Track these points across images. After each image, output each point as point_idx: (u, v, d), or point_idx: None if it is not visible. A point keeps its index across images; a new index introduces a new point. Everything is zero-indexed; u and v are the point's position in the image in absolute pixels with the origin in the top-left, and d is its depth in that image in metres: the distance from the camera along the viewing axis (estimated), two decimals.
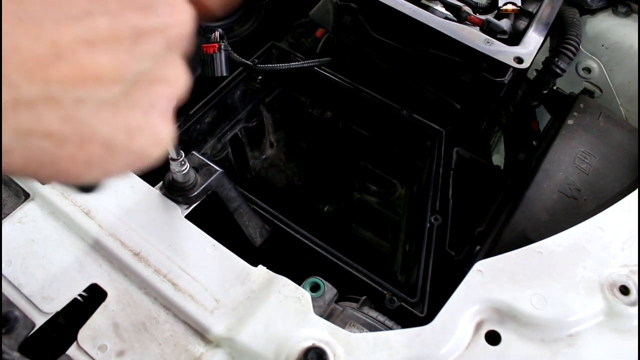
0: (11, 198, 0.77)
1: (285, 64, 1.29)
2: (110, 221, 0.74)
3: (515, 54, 1.01)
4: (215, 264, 0.71)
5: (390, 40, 1.20)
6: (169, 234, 0.74)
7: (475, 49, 1.02)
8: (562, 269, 0.66)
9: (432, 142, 1.28)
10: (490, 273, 0.66)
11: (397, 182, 1.56)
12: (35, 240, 0.72)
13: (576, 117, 1.01)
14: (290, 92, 1.54)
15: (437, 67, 1.18)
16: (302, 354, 0.60)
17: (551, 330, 0.62)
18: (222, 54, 1.16)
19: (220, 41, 1.17)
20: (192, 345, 0.65)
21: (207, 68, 1.17)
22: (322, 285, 0.75)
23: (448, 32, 1.05)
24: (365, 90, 1.35)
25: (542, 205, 0.89)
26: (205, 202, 0.82)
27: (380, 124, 1.42)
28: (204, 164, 0.84)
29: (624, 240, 0.68)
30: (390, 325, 0.80)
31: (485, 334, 0.63)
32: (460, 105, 1.23)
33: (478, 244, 0.98)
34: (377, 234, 1.63)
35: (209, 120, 1.35)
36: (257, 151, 1.62)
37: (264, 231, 1.02)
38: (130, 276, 0.70)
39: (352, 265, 1.01)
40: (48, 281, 0.69)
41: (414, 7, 1.09)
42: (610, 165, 0.94)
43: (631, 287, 0.63)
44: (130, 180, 0.79)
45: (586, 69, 1.24)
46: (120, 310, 0.67)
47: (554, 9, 1.12)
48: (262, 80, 1.40)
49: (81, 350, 0.64)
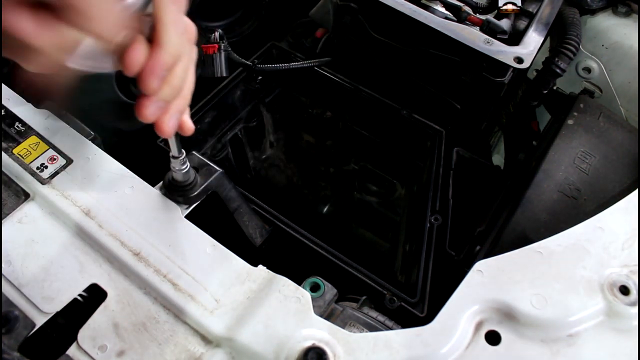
0: (11, 198, 0.77)
1: (285, 64, 1.29)
2: (110, 221, 0.74)
3: (515, 54, 1.01)
4: (215, 264, 0.71)
5: (390, 40, 1.20)
6: (169, 234, 0.74)
7: (475, 49, 1.02)
8: (562, 269, 0.66)
9: (432, 142, 1.28)
10: (490, 273, 0.66)
11: (397, 182, 1.56)
12: (35, 240, 0.72)
13: (576, 117, 1.01)
14: (290, 92, 1.54)
15: (437, 67, 1.18)
16: (302, 354, 0.60)
17: (551, 330, 0.62)
18: (221, 54, 1.17)
19: (220, 42, 1.17)
20: (192, 345, 0.65)
21: (206, 68, 1.17)
22: (322, 285, 0.75)
23: (448, 32, 1.05)
24: (365, 90, 1.35)
25: (542, 205, 0.89)
26: (205, 202, 0.82)
27: (380, 124, 1.42)
28: (204, 164, 0.84)
29: (624, 240, 0.68)
30: (390, 325, 0.80)
31: (485, 334, 0.63)
32: (460, 105, 1.23)
33: (478, 244, 0.98)
34: (377, 234, 1.63)
35: (209, 120, 1.35)
36: (257, 151, 1.62)
37: (264, 231, 1.02)
38: (130, 276, 0.70)
39: (352, 265, 1.01)
40: (48, 281, 0.69)
41: (414, 7, 1.09)
42: (610, 165, 0.94)
43: (631, 287, 0.63)
44: (130, 180, 0.79)
45: (586, 69, 1.24)
46: (120, 310, 0.67)
47: (554, 9, 1.13)
48: (262, 80, 1.40)
49: (81, 350, 0.64)
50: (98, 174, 0.79)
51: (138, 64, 0.49)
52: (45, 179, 0.77)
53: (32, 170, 0.77)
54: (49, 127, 0.82)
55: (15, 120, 0.82)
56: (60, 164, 0.79)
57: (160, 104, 0.54)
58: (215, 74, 1.17)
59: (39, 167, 0.77)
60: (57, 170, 0.78)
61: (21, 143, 0.80)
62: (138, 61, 0.48)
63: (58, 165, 0.78)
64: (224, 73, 1.18)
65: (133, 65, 0.48)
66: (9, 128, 0.81)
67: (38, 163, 0.78)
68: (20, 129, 0.81)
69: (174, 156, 0.73)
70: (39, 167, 0.78)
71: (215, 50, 1.16)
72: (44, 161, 0.78)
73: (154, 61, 0.49)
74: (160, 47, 0.49)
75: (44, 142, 0.80)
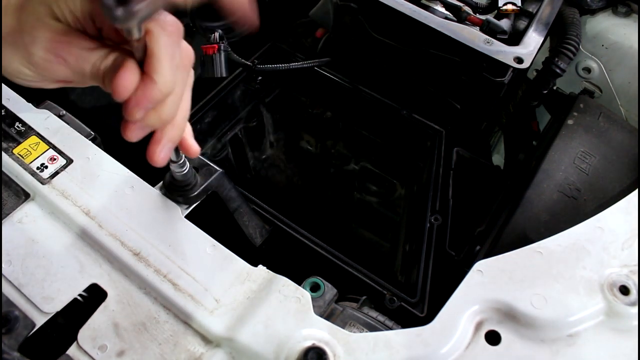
0: (11, 198, 0.77)
1: (284, 65, 1.29)
2: (110, 221, 0.74)
3: (515, 54, 1.01)
4: (215, 264, 0.71)
5: (390, 40, 1.20)
6: (169, 234, 0.74)
7: (475, 49, 1.02)
8: (562, 269, 0.66)
9: (432, 142, 1.28)
10: (490, 273, 0.66)
11: (397, 182, 1.56)
12: (35, 240, 0.72)
13: (576, 117, 1.01)
14: (290, 92, 1.54)
15: (437, 67, 1.18)
16: (302, 354, 0.60)
17: (551, 330, 0.62)
18: (221, 54, 1.16)
19: (220, 42, 1.17)
20: (192, 345, 0.65)
21: (206, 69, 1.17)
22: (322, 285, 0.75)
23: (448, 32, 1.05)
24: (365, 90, 1.35)
25: (542, 205, 0.89)
26: (205, 202, 0.82)
27: (380, 124, 1.42)
28: (204, 164, 0.84)
29: (624, 240, 0.68)
30: (390, 325, 0.80)
31: (485, 334, 0.63)
32: (460, 105, 1.23)
33: (478, 244, 0.98)
34: (377, 234, 1.63)
35: (209, 120, 1.35)
36: (257, 151, 1.62)
37: (264, 231, 1.02)
38: (130, 276, 0.70)
39: (352, 265, 1.01)
40: (48, 281, 0.69)
41: (414, 7, 1.09)
42: (610, 165, 0.94)
43: (631, 287, 0.63)
44: (130, 180, 0.79)
45: (586, 69, 1.24)
46: (120, 310, 0.67)
47: (554, 9, 1.13)
48: (262, 81, 1.40)
49: (81, 350, 0.64)
50: (98, 174, 0.79)
51: (127, 93, 0.45)
52: (45, 179, 0.77)
53: (32, 170, 0.77)
54: (49, 127, 0.82)
55: (15, 120, 0.82)
56: (60, 164, 0.79)
57: (147, 128, 0.51)
58: (215, 74, 1.17)
59: (39, 167, 0.78)
60: (57, 170, 0.78)
61: (21, 143, 0.80)
62: (127, 89, 0.45)
63: (58, 165, 0.78)
64: (224, 73, 1.18)
65: (121, 93, 0.45)
66: (9, 128, 0.81)
67: (38, 163, 0.78)
68: (20, 129, 0.81)
69: (172, 160, 0.72)
70: (39, 167, 0.78)
71: (215, 50, 1.16)
72: (44, 161, 0.78)
73: (142, 94, 0.46)
74: (152, 81, 0.46)
75: (44, 142, 0.80)
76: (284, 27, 1.51)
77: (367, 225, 1.65)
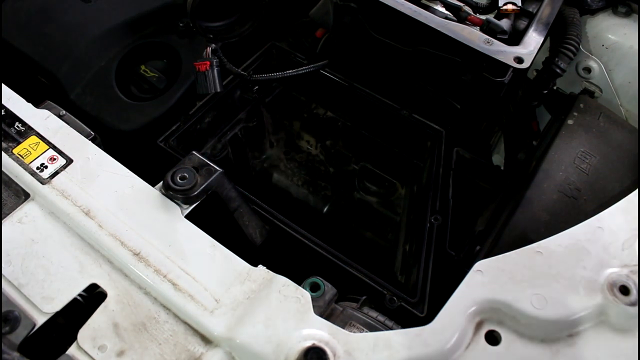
0: (11, 198, 0.77)
1: (279, 73, 1.29)
2: (110, 221, 0.74)
3: (515, 54, 1.01)
4: (215, 264, 0.71)
5: (390, 40, 1.20)
6: (169, 234, 0.74)
7: (475, 49, 1.02)
8: (562, 269, 0.66)
9: (432, 142, 1.28)
10: (490, 273, 0.66)
11: (397, 182, 1.56)
12: (35, 240, 0.72)
13: (576, 117, 1.01)
14: (290, 92, 1.54)
15: (437, 67, 1.18)
16: (302, 354, 0.60)
17: (551, 330, 0.62)
18: (214, 70, 1.17)
19: (213, 57, 1.17)
20: (192, 345, 0.65)
21: (200, 85, 1.18)
22: (322, 285, 0.75)
23: (448, 32, 1.05)
24: (365, 90, 1.35)
25: (542, 205, 0.89)
26: (205, 202, 0.82)
27: (380, 124, 1.42)
28: (204, 164, 0.84)
29: (624, 240, 0.68)
30: (391, 325, 0.80)
31: (485, 334, 0.63)
32: (460, 105, 1.23)
33: (478, 244, 0.98)
34: (377, 234, 1.63)
35: (209, 120, 1.35)
36: (257, 151, 1.62)
37: (264, 231, 1.02)
38: (130, 276, 0.70)
39: (352, 265, 1.01)
40: (48, 281, 0.69)
41: (414, 7, 1.09)
42: (610, 165, 0.94)
43: (631, 287, 0.63)
44: (130, 180, 0.79)
45: (586, 69, 1.24)
46: (120, 310, 0.67)
47: (554, 9, 1.12)
48: (262, 81, 1.40)
49: (81, 350, 0.64)
50: (98, 174, 0.79)
51: None
52: (45, 179, 0.77)
53: (32, 170, 0.77)
54: (49, 127, 0.82)
55: (15, 120, 0.82)
56: (60, 164, 0.79)
57: None
58: (209, 90, 1.18)
59: (39, 167, 0.78)
60: (57, 170, 0.78)
61: (21, 143, 0.80)
62: None
63: (58, 165, 0.78)
64: (217, 89, 1.18)
65: None
66: (9, 128, 0.81)
67: (38, 163, 0.78)
68: (20, 129, 0.81)
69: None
70: (39, 167, 0.78)
71: (207, 67, 1.16)
72: (44, 161, 0.78)
73: None
74: None
75: (44, 142, 0.80)
76: (283, 27, 1.51)
77: (367, 225, 1.65)
